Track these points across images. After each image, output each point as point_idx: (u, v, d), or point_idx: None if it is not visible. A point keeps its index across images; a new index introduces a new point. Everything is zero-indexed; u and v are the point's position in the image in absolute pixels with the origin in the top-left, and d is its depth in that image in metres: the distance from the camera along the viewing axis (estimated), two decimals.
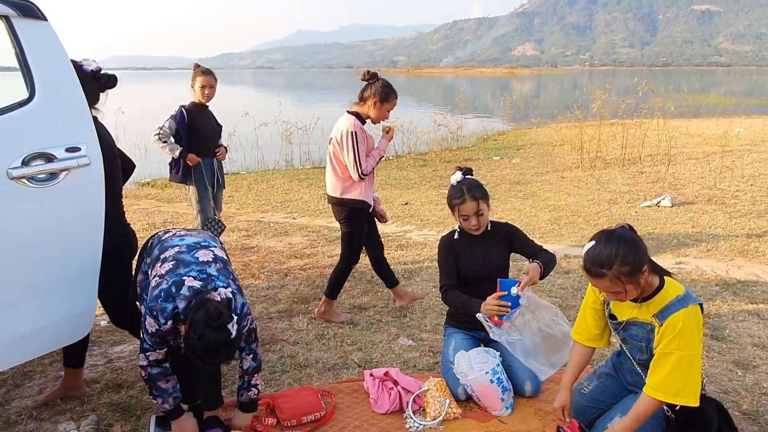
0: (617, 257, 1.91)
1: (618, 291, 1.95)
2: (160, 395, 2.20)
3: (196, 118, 4.17)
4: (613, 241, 1.94)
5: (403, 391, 2.61)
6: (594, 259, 1.96)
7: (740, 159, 9.52)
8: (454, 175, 2.80)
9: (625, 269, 1.90)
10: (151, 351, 2.14)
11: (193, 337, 1.93)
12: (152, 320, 2.06)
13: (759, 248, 4.97)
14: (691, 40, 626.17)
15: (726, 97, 25.49)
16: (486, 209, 2.72)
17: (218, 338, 1.93)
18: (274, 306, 3.90)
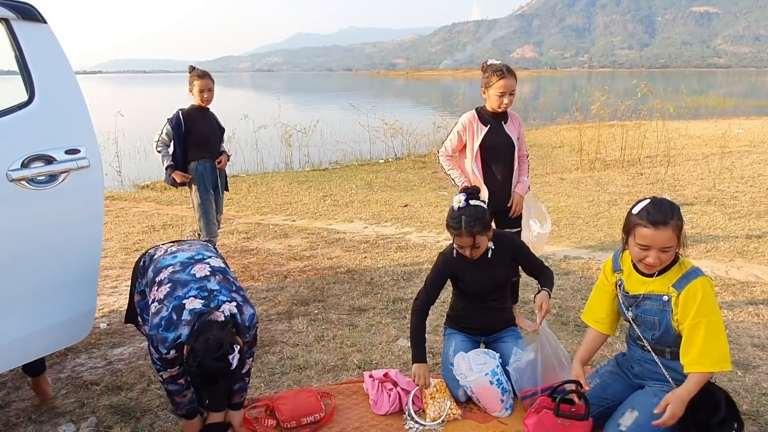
0: (676, 210, 2.05)
1: (670, 247, 2.02)
2: (176, 406, 2.26)
3: (195, 120, 4.13)
4: (667, 201, 2.08)
5: (402, 392, 2.61)
6: (658, 207, 2.04)
7: (739, 160, 9.53)
8: (457, 197, 2.63)
9: (680, 223, 2.04)
10: (163, 371, 2.14)
11: (193, 364, 1.94)
12: (153, 350, 2.06)
13: (758, 249, 4.97)
14: (690, 42, 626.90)
15: (725, 98, 25.49)
16: (484, 241, 2.60)
17: (217, 368, 1.93)
18: (274, 308, 3.90)
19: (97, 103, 2.86)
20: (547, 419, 2.29)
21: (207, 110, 4.23)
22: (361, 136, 12.85)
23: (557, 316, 3.71)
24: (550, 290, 2.67)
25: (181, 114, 4.10)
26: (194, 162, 4.16)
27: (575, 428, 2.27)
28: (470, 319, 2.84)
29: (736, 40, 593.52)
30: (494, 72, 3.21)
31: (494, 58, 3.35)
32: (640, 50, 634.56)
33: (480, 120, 3.32)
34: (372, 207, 7.08)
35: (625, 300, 2.26)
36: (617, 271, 2.32)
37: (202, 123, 4.18)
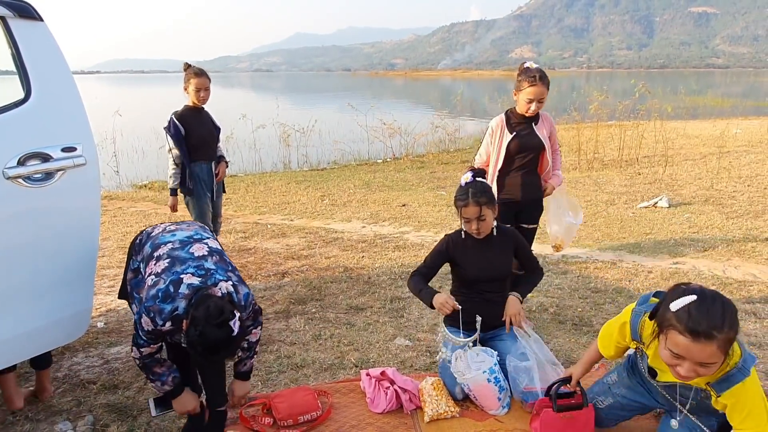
0: (729, 317, 1.61)
1: (713, 364, 1.64)
2: (157, 379, 2.19)
3: (190, 122, 3.98)
4: (722, 300, 1.65)
5: (399, 390, 2.61)
6: (703, 315, 1.61)
7: (737, 160, 9.55)
8: (464, 174, 2.78)
9: (733, 335, 1.62)
10: (146, 347, 2.11)
11: (194, 333, 1.92)
12: (149, 320, 2.03)
13: (756, 248, 4.98)
14: (689, 42, 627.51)
15: (723, 98, 25.56)
16: (490, 214, 2.69)
17: (219, 335, 1.92)
18: (272, 307, 3.90)
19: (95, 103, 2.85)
20: (550, 417, 2.30)
21: (202, 110, 4.11)
22: (360, 136, 12.86)
23: (554, 315, 3.72)
24: (522, 295, 2.77)
25: (175, 118, 3.95)
26: (191, 164, 4.07)
27: (579, 417, 2.30)
28: (468, 311, 2.82)
29: (734, 40, 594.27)
30: (527, 77, 3.20)
31: (531, 61, 3.31)
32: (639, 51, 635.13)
33: (507, 125, 3.34)
34: (370, 207, 7.08)
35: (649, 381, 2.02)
36: (637, 341, 1.99)
37: (198, 124, 4.05)
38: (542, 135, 3.35)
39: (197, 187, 4.08)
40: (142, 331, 2.08)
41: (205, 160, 4.11)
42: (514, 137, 3.30)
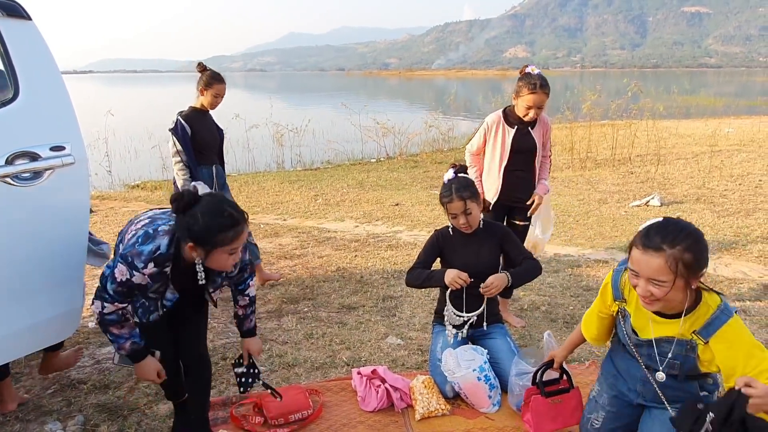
0: (686, 239, 1.63)
1: (663, 282, 1.64)
2: (114, 340, 2.04)
3: (195, 125, 3.88)
4: (686, 225, 1.69)
5: (390, 388, 2.62)
6: (658, 228, 1.67)
7: (729, 159, 9.60)
8: (447, 172, 2.81)
9: (688, 257, 1.61)
10: (109, 303, 1.95)
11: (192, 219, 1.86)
12: (125, 268, 1.90)
13: (746, 246, 5.02)
14: (681, 42, 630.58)
15: (715, 98, 25.69)
16: (475, 208, 2.73)
17: (220, 204, 1.90)
18: (264, 306, 3.90)
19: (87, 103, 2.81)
20: (539, 404, 2.30)
21: (207, 113, 4.03)
22: (353, 135, 12.85)
23: (546, 313, 3.73)
24: (513, 277, 2.69)
25: (181, 119, 3.84)
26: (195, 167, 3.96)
27: (567, 400, 2.31)
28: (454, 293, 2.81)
29: (726, 40, 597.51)
30: (528, 83, 3.18)
31: (533, 66, 3.28)
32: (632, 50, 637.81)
33: (506, 123, 3.34)
34: (363, 206, 7.08)
35: (634, 338, 1.90)
36: (619, 300, 1.95)
37: (202, 128, 3.95)
38: (537, 137, 3.36)
39: None
40: (113, 283, 1.92)
41: (207, 164, 4.01)
42: (516, 133, 3.31)
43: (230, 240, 1.89)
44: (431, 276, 2.75)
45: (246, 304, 2.34)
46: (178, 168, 3.85)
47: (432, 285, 2.81)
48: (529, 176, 3.44)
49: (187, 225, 1.88)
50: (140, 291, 1.99)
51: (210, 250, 1.90)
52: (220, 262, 1.95)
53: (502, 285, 2.64)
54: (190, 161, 3.85)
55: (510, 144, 3.31)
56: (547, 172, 3.52)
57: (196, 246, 1.89)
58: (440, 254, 2.87)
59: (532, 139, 3.35)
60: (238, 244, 1.93)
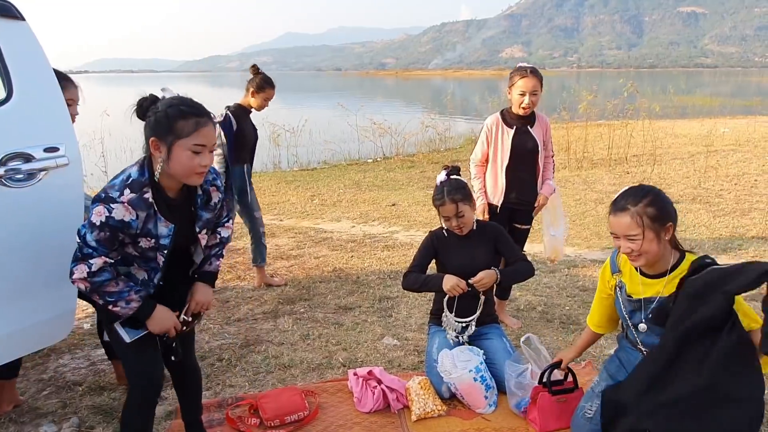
0: (646, 197, 1.91)
1: (635, 236, 1.89)
2: (118, 298, 1.81)
3: (240, 122, 3.91)
4: (647, 187, 1.97)
5: (387, 389, 2.61)
6: (623, 194, 1.97)
7: (725, 159, 9.63)
8: (439, 174, 2.82)
9: (650, 211, 1.89)
10: (96, 258, 1.75)
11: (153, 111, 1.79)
12: (101, 207, 1.73)
13: (742, 246, 5.03)
14: (677, 42, 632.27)
15: (711, 98, 25.75)
16: (468, 210, 2.73)
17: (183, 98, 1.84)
18: (260, 307, 3.89)
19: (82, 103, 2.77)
20: (546, 401, 2.36)
21: (250, 113, 4.08)
22: (350, 135, 12.83)
23: (542, 313, 3.73)
24: (503, 275, 2.72)
25: (231, 113, 3.87)
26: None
27: (571, 401, 2.36)
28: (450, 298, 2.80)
29: (722, 40, 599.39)
30: (518, 71, 3.22)
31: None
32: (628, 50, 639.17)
33: (505, 123, 3.33)
34: (360, 206, 7.08)
35: (628, 304, 2.08)
36: (616, 273, 2.16)
37: (246, 126, 4.00)
38: (537, 136, 3.34)
39: (234, 189, 3.98)
40: (92, 231, 1.74)
41: (240, 163, 4.02)
42: (515, 133, 3.29)
43: (191, 130, 1.77)
44: (429, 281, 2.75)
45: (215, 243, 2.13)
46: (216, 159, 3.80)
47: (429, 290, 2.81)
48: (531, 177, 3.41)
49: (149, 121, 1.79)
50: (128, 236, 1.79)
51: (171, 142, 1.76)
52: (184, 163, 1.78)
53: (491, 281, 2.67)
54: (228, 156, 3.86)
55: (510, 144, 3.30)
56: (551, 173, 3.49)
57: (157, 140, 1.77)
58: (435, 256, 2.87)
59: (532, 138, 3.33)
60: (201, 140, 1.78)
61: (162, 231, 1.84)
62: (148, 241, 1.84)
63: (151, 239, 1.83)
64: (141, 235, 1.81)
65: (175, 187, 1.89)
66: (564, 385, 2.46)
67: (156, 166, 1.81)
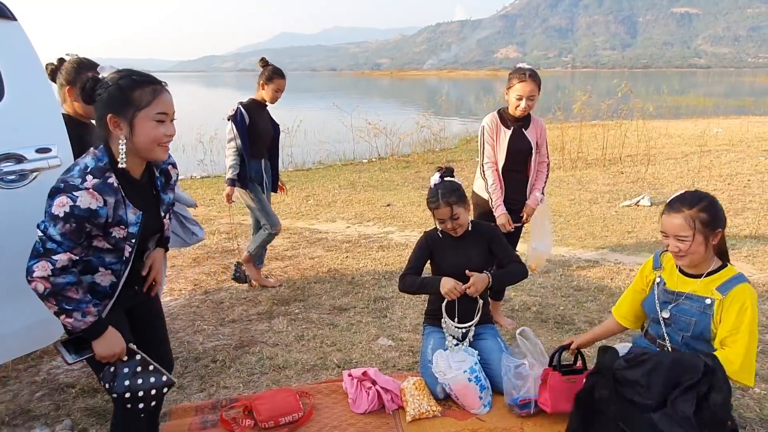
0: (701, 202, 2.03)
1: (685, 237, 2.01)
2: (75, 308, 1.66)
3: (253, 117, 3.95)
4: (702, 193, 2.09)
5: (381, 390, 2.61)
6: (679, 197, 2.09)
7: (718, 159, 9.67)
8: (433, 176, 2.82)
9: (703, 216, 2.01)
10: (60, 253, 1.61)
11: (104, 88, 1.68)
12: (63, 197, 1.60)
13: (735, 245, 5.05)
14: (671, 43, 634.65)
15: (705, 98, 25.87)
16: (462, 212, 2.73)
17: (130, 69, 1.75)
18: (254, 308, 3.88)
19: None
20: (556, 381, 2.41)
21: (265, 107, 4.12)
22: (345, 136, 12.83)
23: (537, 313, 3.74)
24: (494, 279, 2.72)
25: (242, 108, 3.93)
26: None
27: (581, 382, 2.35)
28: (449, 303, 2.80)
29: (715, 40, 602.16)
30: (517, 74, 3.21)
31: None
32: (623, 50, 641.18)
33: (502, 123, 3.33)
34: (355, 207, 7.07)
35: (663, 296, 2.20)
36: (657, 269, 2.28)
37: (258, 120, 4.01)
38: (531, 138, 3.34)
39: (251, 185, 4.01)
40: (56, 224, 1.61)
41: (257, 158, 4.05)
42: (512, 134, 3.30)
43: (150, 98, 1.68)
44: (426, 283, 2.76)
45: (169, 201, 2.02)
46: (230, 152, 3.92)
47: (427, 292, 2.81)
48: (523, 177, 3.43)
49: (101, 100, 1.68)
50: (97, 228, 1.67)
51: (132, 115, 1.67)
52: (149, 134, 1.70)
53: (483, 285, 2.67)
54: (243, 150, 3.90)
55: (507, 145, 3.30)
56: (543, 181, 3.49)
57: (116, 116, 1.67)
58: (430, 257, 2.87)
59: (526, 140, 3.34)
60: (162, 108, 1.71)
61: (131, 218, 1.74)
62: (121, 230, 1.72)
63: (124, 228, 1.72)
64: (113, 224, 1.70)
65: (137, 169, 1.80)
66: (574, 367, 2.53)
67: (118, 147, 1.70)
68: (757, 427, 2.45)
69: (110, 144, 1.72)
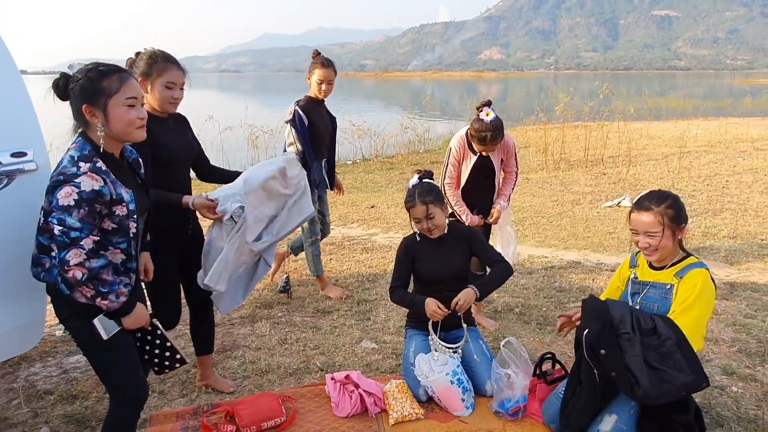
0: (668, 199, 2.20)
1: (655, 233, 2.17)
2: (109, 290, 1.79)
3: (312, 116, 3.68)
4: (667, 192, 2.26)
5: (364, 393, 2.60)
6: (647, 195, 2.24)
7: (697, 160, 9.81)
8: (412, 178, 2.84)
9: (671, 212, 2.17)
10: (85, 237, 1.71)
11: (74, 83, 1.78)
12: (67, 187, 1.69)
13: (714, 246, 5.13)
14: (652, 45, 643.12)
15: (684, 99, 26.24)
16: (438, 212, 2.74)
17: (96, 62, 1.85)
18: (237, 312, 3.85)
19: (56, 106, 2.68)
20: (544, 391, 2.51)
21: (322, 103, 3.83)
22: None
23: (520, 315, 3.76)
24: (480, 290, 2.71)
25: (299, 108, 3.65)
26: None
27: None
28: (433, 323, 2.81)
29: (695, 43, 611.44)
30: (478, 135, 3.24)
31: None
32: (604, 52, 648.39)
33: (469, 148, 3.40)
34: (338, 208, 7.05)
35: (633, 287, 2.37)
36: (633, 267, 2.43)
37: (316, 119, 3.73)
38: (495, 160, 3.44)
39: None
40: (69, 213, 1.69)
41: (319, 160, 3.86)
42: (477, 159, 3.39)
43: (118, 85, 1.79)
44: (413, 303, 2.77)
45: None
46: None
47: (415, 309, 2.80)
48: (489, 192, 3.56)
49: (74, 94, 1.79)
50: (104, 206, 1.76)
51: (105, 103, 1.78)
52: (123, 118, 1.81)
53: (471, 300, 2.68)
54: (307, 154, 3.65)
55: (471, 169, 3.42)
56: (510, 189, 3.59)
57: (90, 105, 1.78)
58: (412, 260, 2.86)
59: (490, 163, 3.45)
60: (130, 93, 1.82)
61: (126, 197, 1.83)
62: (122, 208, 1.82)
63: (124, 205, 1.82)
64: (115, 202, 1.79)
65: (117, 153, 1.92)
66: (555, 374, 2.61)
67: (96, 135, 1.81)
68: (734, 425, 2.48)
69: (89, 134, 1.82)
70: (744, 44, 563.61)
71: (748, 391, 2.77)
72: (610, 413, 2.21)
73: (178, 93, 2.40)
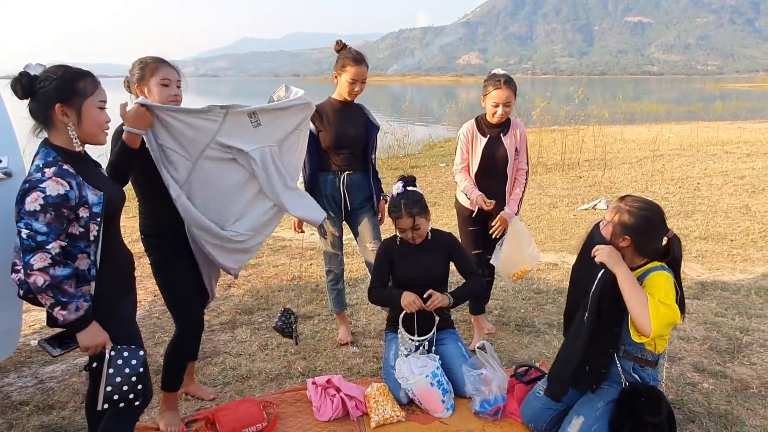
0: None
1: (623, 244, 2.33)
2: (69, 300, 1.75)
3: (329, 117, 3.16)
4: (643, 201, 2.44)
5: (346, 397, 2.62)
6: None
7: (669, 163, 10.03)
8: (395, 184, 2.84)
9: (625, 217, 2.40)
10: (52, 241, 1.69)
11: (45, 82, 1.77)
12: (33, 193, 1.68)
13: (686, 246, 5.25)
14: (626, 51, 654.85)
15: (658, 104, 26.77)
16: (424, 223, 2.77)
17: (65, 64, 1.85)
18: (217, 318, 3.83)
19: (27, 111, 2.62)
20: (521, 392, 2.61)
21: (351, 105, 3.26)
22: None
23: (498, 317, 3.81)
24: (454, 297, 2.78)
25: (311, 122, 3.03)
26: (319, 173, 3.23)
27: None
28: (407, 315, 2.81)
29: (667, 48, 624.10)
30: (492, 81, 3.15)
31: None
32: (580, 58, 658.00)
33: (479, 130, 3.26)
34: None
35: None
36: None
37: (340, 121, 3.18)
38: (509, 145, 3.25)
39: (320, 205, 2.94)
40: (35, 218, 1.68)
41: (333, 171, 3.22)
42: (489, 141, 3.22)
43: (93, 88, 1.83)
44: (390, 297, 2.80)
45: None
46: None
47: (392, 305, 2.85)
48: (501, 186, 3.32)
49: (44, 93, 1.77)
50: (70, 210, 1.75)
51: (79, 103, 1.80)
52: (95, 119, 1.85)
53: (444, 302, 2.72)
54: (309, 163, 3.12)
55: (481, 152, 3.24)
56: (521, 189, 3.38)
57: (64, 105, 1.78)
58: (390, 263, 2.89)
59: (503, 147, 3.24)
60: (102, 97, 1.87)
61: (92, 199, 1.81)
62: (85, 210, 1.80)
63: (87, 208, 1.80)
64: (80, 204, 1.78)
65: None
66: (532, 374, 2.71)
67: (62, 137, 1.82)
68: (705, 421, 2.55)
69: (51, 140, 1.82)
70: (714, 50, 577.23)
71: (718, 387, 2.85)
72: (577, 415, 2.27)
73: (176, 90, 2.39)
